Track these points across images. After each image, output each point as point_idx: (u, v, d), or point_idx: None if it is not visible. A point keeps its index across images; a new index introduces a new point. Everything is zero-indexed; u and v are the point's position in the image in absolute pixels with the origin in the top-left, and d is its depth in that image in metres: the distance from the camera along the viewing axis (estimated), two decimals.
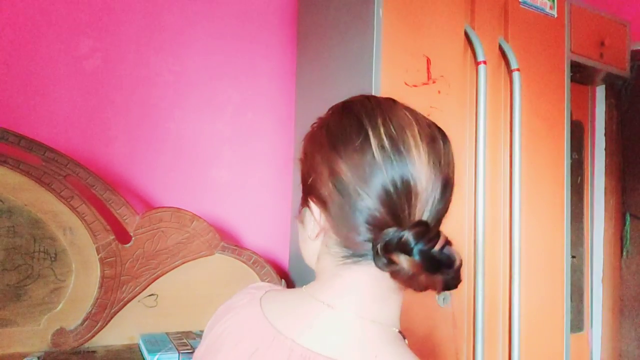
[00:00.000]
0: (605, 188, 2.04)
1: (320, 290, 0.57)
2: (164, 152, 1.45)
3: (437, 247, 0.50)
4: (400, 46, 1.28)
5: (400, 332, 0.54)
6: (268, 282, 1.17)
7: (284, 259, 1.62)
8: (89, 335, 1.19)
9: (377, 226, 0.52)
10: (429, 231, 0.51)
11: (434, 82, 1.33)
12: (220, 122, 1.54)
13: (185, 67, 1.49)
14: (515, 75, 1.47)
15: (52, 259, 1.17)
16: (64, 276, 1.18)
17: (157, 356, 1.11)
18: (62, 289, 1.18)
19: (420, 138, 0.55)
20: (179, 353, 1.13)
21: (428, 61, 1.32)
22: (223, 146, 1.55)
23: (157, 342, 1.19)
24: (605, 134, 2.05)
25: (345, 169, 0.53)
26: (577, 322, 1.97)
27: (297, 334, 0.53)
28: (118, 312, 1.23)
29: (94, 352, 1.18)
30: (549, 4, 1.61)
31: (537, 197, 1.56)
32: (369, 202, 0.52)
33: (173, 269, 1.29)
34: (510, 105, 1.50)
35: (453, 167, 0.58)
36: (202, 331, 1.31)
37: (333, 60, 1.41)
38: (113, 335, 1.22)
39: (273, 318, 0.56)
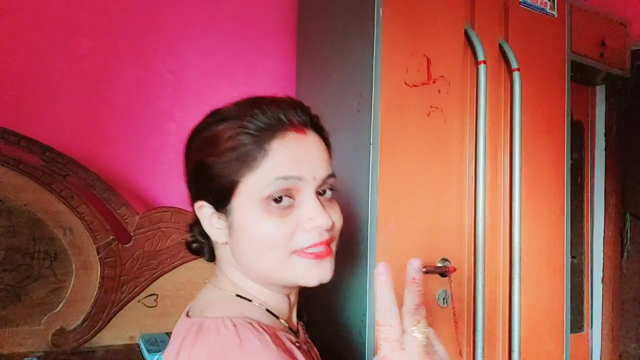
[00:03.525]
0: (605, 188, 2.04)
1: None
2: (164, 152, 1.45)
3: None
4: (400, 46, 1.28)
5: (238, 295, 0.67)
6: None
7: None
8: (88, 335, 1.19)
9: None
10: None
11: (434, 82, 1.33)
12: None
13: (184, 67, 1.48)
14: (515, 75, 1.47)
15: (52, 259, 1.16)
16: (64, 276, 1.17)
17: (157, 356, 1.11)
18: (62, 289, 1.17)
19: None
20: None
21: (428, 61, 1.32)
22: None
23: (157, 342, 1.19)
24: (605, 134, 2.05)
25: None
26: (577, 322, 1.97)
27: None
28: (118, 312, 1.22)
29: (94, 352, 1.18)
30: (549, 4, 1.61)
31: (537, 197, 1.56)
32: None
33: (173, 269, 1.29)
34: (510, 105, 1.50)
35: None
36: None
37: (333, 60, 1.41)
38: (113, 335, 1.22)
39: None
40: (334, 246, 0.67)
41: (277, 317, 0.67)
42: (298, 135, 0.62)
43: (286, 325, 0.68)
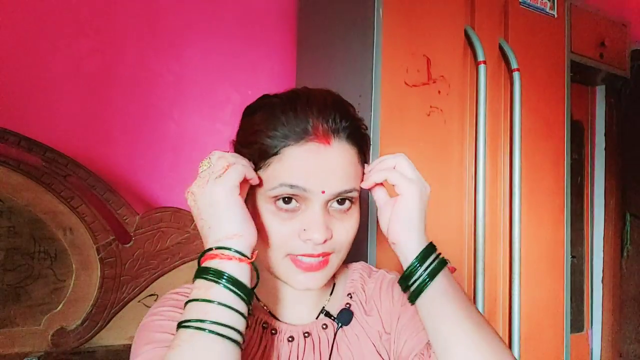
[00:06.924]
0: (605, 188, 2.04)
1: None
2: (164, 152, 1.45)
3: None
4: (400, 46, 1.28)
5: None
6: None
7: None
8: (89, 335, 1.19)
9: None
10: None
11: (434, 82, 1.33)
12: (220, 122, 1.54)
13: (185, 67, 1.48)
14: (515, 75, 1.47)
15: (52, 259, 1.16)
16: (64, 276, 1.17)
17: None
18: (62, 289, 1.17)
19: None
20: None
21: (428, 61, 1.32)
22: (223, 146, 1.54)
23: None
24: (605, 134, 2.05)
25: None
26: (577, 323, 1.97)
27: None
28: (118, 312, 1.22)
29: (94, 352, 1.18)
30: (549, 4, 1.61)
31: (537, 197, 1.56)
32: None
33: (173, 269, 1.29)
34: (510, 105, 1.50)
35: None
36: None
37: (333, 60, 1.41)
38: (113, 335, 1.22)
39: None
40: (334, 258, 0.66)
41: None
42: (319, 146, 0.61)
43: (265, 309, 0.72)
